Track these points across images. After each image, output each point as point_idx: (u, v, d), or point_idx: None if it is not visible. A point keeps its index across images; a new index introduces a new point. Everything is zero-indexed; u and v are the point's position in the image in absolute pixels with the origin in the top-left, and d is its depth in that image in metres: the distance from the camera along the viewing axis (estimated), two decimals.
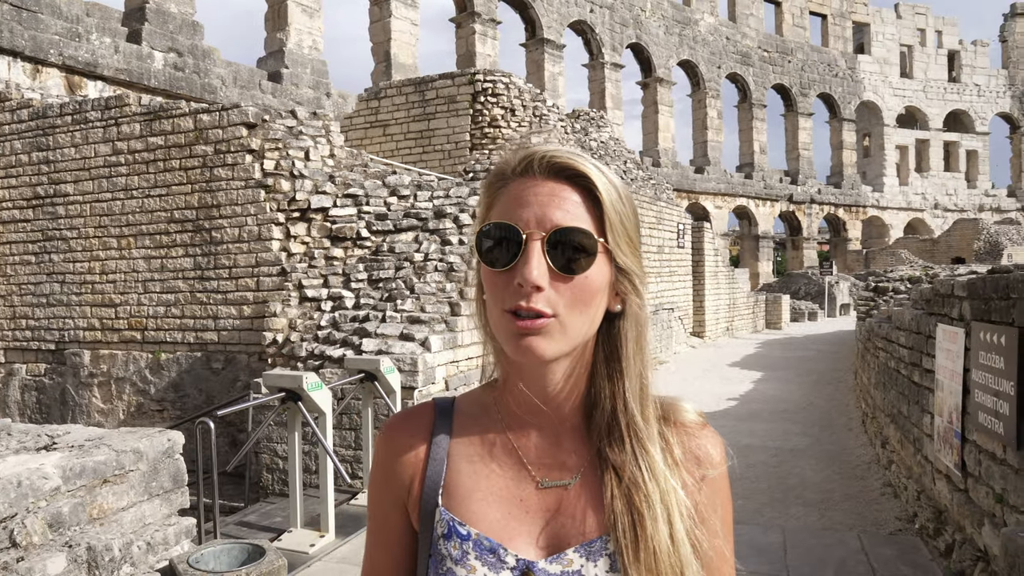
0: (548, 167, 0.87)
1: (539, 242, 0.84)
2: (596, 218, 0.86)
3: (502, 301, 0.85)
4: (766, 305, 24.90)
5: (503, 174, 0.90)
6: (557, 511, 0.91)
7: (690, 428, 0.96)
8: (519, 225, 0.84)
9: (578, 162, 0.87)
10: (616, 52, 32.31)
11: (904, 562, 4.68)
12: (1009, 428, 3.23)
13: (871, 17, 43.89)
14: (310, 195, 8.17)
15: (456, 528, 0.90)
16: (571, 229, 0.84)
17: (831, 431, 8.93)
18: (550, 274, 0.84)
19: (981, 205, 44.75)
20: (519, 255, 0.84)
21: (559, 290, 0.84)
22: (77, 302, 9.14)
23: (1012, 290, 3.24)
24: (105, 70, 15.36)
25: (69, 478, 3.34)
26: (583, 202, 0.86)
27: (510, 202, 0.87)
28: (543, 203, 0.85)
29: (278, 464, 6.71)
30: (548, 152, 0.87)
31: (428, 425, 0.98)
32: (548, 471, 0.93)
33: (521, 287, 0.83)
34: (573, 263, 0.84)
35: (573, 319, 0.85)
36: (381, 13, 23.42)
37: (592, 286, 0.86)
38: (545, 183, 0.86)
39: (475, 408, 0.99)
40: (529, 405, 0.92)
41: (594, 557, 0.88)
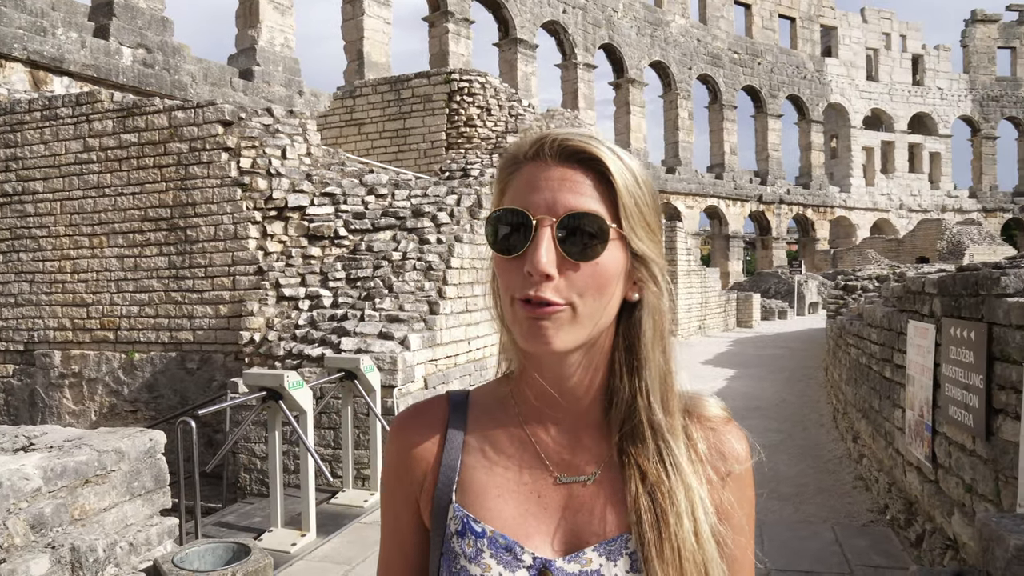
0: (560, 151, 0.83)
1: (549, 228, 0.80)
2: (610, 203, 0.83)
3: (512, 289, 0.83)
4: (737, 304, 25.22)
5: (515, 159, 0.87)
6: (576, 508, 0.88)
7: (714, 423, 0.93)
8: (529, 210, 0.82)
9: (591, 145, 0.84)
10: (589, 52, 32.48)
11: (876, 552, 4.80)
12: (978, 420, 3.34)
13: (838, 21, 44.62)
14: (287, 194, 8.12)
15: (471, 525, 0.87)
16: (582, 214, 0.81)
17: (803, 427, 9.10)
18: (561, 261, 0.80)
19: (944, 206, 45.72)
20: (529, 241, 0.81)
21: (571, 278, 0.81)
22: (47, 302, 8.99)
23: (981, 287, 3.35)
24: (72, 65, 15.08)
25: (50, 479, 3.31)
26: (596, 186, 0.83)
27: (521, 187, 0.84)
28: (554, 187, 0.82)
29: (256, 464, 6.67)
30: (560, 135, 0.84)
31: (442, 419, 0.95)
32: (566, 466, 0.89)
33: (531, 275, 0.80)
34: (585, 250, 0.81)
35: (586, 307, 0.82)
36: (354, 11, 23.29)
37: (606, 273, 0.82)
38: (557, 167, 0.83)
39: (490, 401, 0.96)
40: (546, 397, 0.89)
41: (614, 556, 0.85)
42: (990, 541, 2.08)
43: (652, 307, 0.87)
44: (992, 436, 3.27)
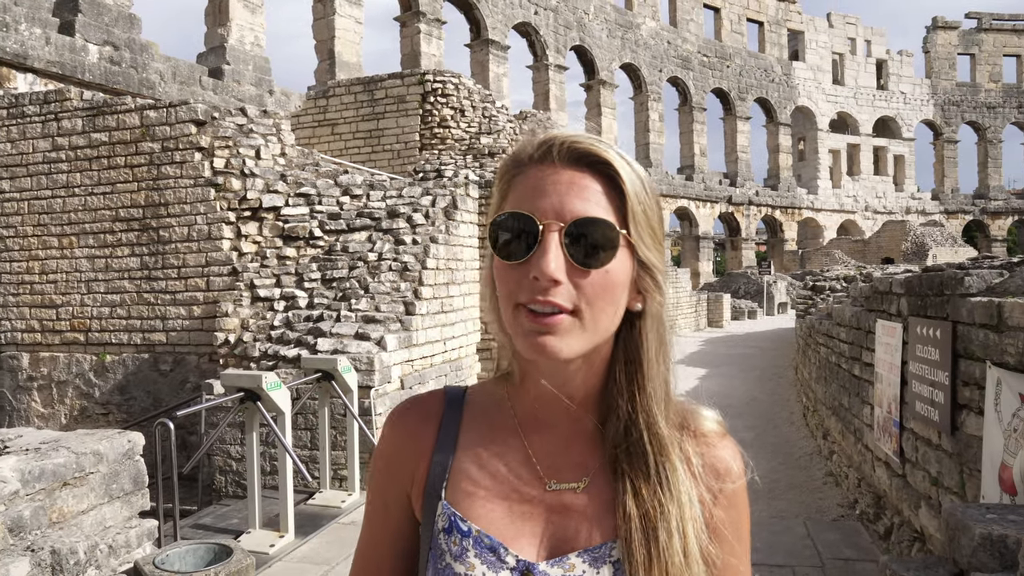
0: (568, 153, 0.81)
1: (557, 233, 0.78)
2: (618, 209, 0.81)
3: (516, 295, 0.80)
4: (708, 304, 25.51)
5: (519, 160, 0.84)
6: (564, 514, 0.87)
7: (709, 438, 0.91)
8: (536, 215, 0.79)
9: (601, 148, 0.82)
10: (560, 54, 32.63)
11: (847, 545, 4.93)
12: (944, 415, 3.45)
13: (805, 25, 45.33)
14: (261, 194, 8.08)
15: (457, 523, 0.87)
16: (592, 220, 0.79)
17: (774, 424, 9.26)
18: (568, 268, 0.78)
19: (908, 208, 46.68)
20: (535, 247, 0.78)
21: (578, 285, 0.79)
22: (14, 303, 8.83)
23: (946, 287, 3.47)
24: (36, 62, 14.80)
25: (28, 481, 3.28)
26: (605, 191, 0.81)
27: (527, 191, 0.81)
28: (562, 192, 0.79)
29: (231, 466, 6.63)
30: (569, 138, 0.82)
31: (437, 414, 0.95)
32: (557, 472, 0.88)
33: (537, 280, 0.77)
34: (593, 256, 0.78)
35: (593, 315, 0.80)
36: (325, 11, 23.16)
37: (614, 281, 0.80)
38: (565, 170, 0.81)
39: (487, 401, 0.95)
40: (545, 402, 0.87)
41: (598, 564, 0.84)
42: (956, 530, 2.17)
43: (656, 317, 0.86)
44: (957, 431, 3.39)
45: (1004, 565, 2.05)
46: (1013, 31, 48.69)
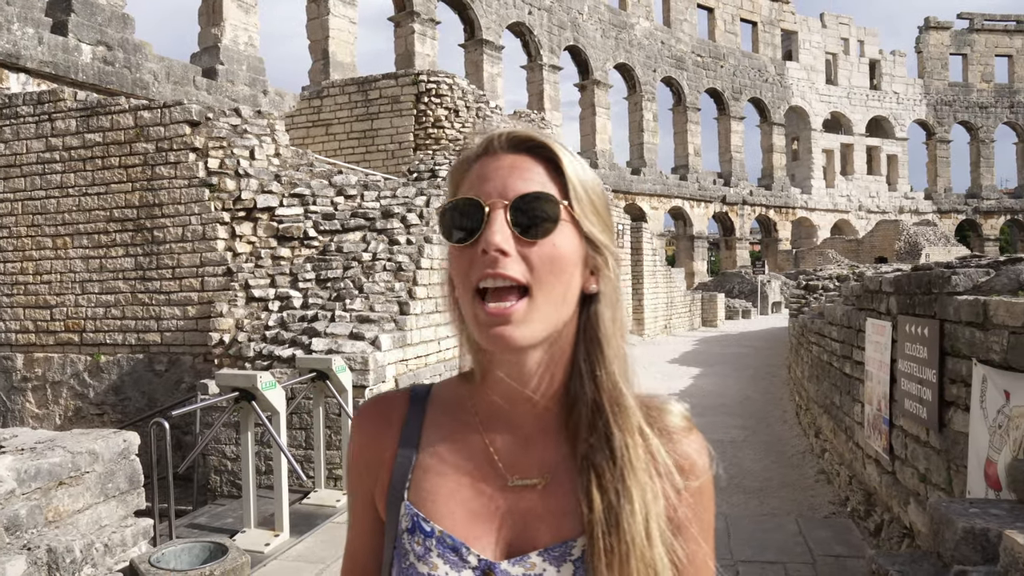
0: (508, 141, 0.86)
1: (502, 210, 0.82)
2: (560, 187, 0.85)
3: (470, 277, 0.82)
4: (702, 303, 25.59)
5: (467, 159, 0.89)
6: (525, 511, 0.87)
7: (675, 434, 0.91)
8: (481, 197, 0.83)
9: (538, 134, 0.86)
10: (554, 54, 32.67)
11: (838, 542, 4.97)
12: (932, 412, 3.50)
13: (798, 25, 45.46)
14: (256, 194, 8.10)
15: (420, 524, 0.88)
16: (533, 194, 0.82)
17: (767, 423, 9.31)
18: (516, 240, 0.81)
19: (901, 207, 46.86)
20: (483, 226, 0.82)
21: (526, 257, 0.81)
22: (8, 304, 8.82)
23: (933, 286, 3.52)
24: (28, 62, 14.76)
25: (24, 480, 3.30)
26: (546, 171, 0.85)
27: (473, 180, 0.86)
28: (504, 175, 0.84)
29: (226, 465, 6.65)
30: (507, 128, 0.87)
31: (401, 413, 0.96)
32: (519, 470, 0.89)
33: (486, 254, 0.80)
34: (538, 227, 0.82)
35: (546, 293, 0.82)
36: (319, 10, 23.15)
37: (562, 254, 0.83)
38: (506, 156, 0.85)
39: (450, 398, 0.96)
40: (507, 400, 0.89)
41: (558, 562, 0.85)
42: (940, 525, 2.22)
43: (611, 298, 0.88)
44: (944, 428, 3.44)
45: (986, 558, 2.09)
46: (1005, 31, 48.93)
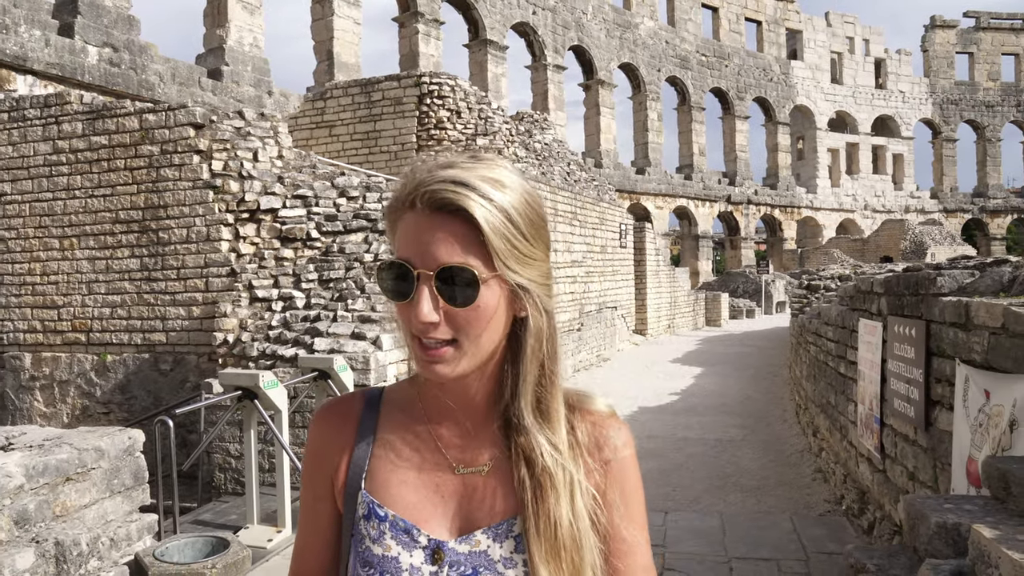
0: (431, 202, 0.89)
1: (428, 282, 0.88)
2: (482, 246, 0.89)
3: (408, 327, 0.92)
4: (706, 303, 25.62)
5: (397, 204, 0.93)
6: (470, 496, 0.98)
7: (595, 417, 1.02)
8: (411, 262, 0.89)
9: (457, 196, 0.88)
10: (558, 54, 32.73)
11: (832, 540, 5.04)
12: (919, 412, 3.57)
13: (803, 24, 45.41)
14: (259, 196, 8.19)
15: (375, 510, 0.98)
16: (454, 267, 0.88)
17: (767, 422, 9.37)
18: (444, 307, 0.89)
19: (907, 206, 46.78)
20: (413, 292, 0.89)
21: (452, 320, 0.89)
22: (16, 304, 8.94)
23: (920, 286, 3.58)
24: (35, 64, 14.90)
25: (32, 476, 3.39)
26: (467, 233, 0.88)
27: (403, 237, 0.91)
28: (426, 241, 0.89)
29: (231, 463, 6.75)
30: (429, 187, 0.89)
31: (356, 413, 1.05)
32: (463, 459, 1.00)
33: (416, 322, 0.89)
34: (461, 297, 0.88)
35: (470, 342, 0.91)
36: (323, 11, 23.26)
37: (484, 312, 0.90)
38: (430, 217, 0.89)
39: (401, 399, 1.06)
40: (445, 402, 0.99)
41: (500, 538, 0.95)
42: (915, 520, 2.29)
43: (532, 326, 0.95)
44: (931, 426, 3.51)
45: (957, 552, 2.16)
46: (1011, 30, 48.79)
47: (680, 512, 5.89)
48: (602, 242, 16.65)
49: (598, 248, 16.29)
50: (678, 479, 6.91)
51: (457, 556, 0.95)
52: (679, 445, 8.21)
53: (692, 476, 7.00)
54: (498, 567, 0.95)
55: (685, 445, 8.20)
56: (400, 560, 0.95)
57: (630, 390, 11.93)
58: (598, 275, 16.14)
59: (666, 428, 9.09)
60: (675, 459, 7.62)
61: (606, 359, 15.71)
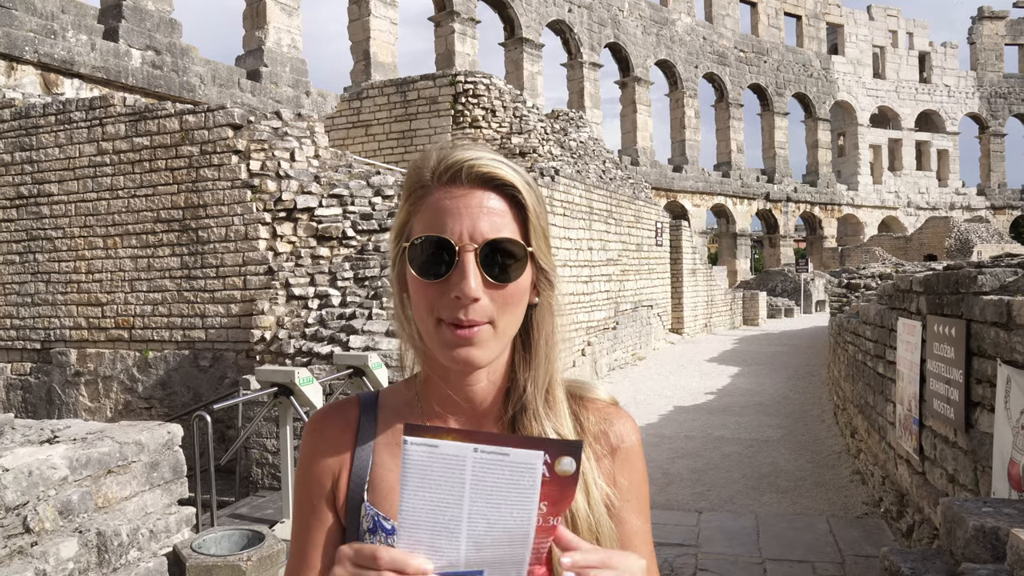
0: (475, 176, 0.87)
1: (472, 254, 0.85)
2: (520, 223, 0.89)
3: (436, 311, 0.87)
4: (743, 302, 25.31)
5: (423, 181, 0.90)
6: None
7: (600, 406, 1.01)
8: (452, 238, 0.85)
9: (503, 171, 0.88)
10: (594, 52, 32.59)
11: (869, 543, 4.95)
12: (959, 413, 3.49)
13: (844, 18, 44.58)
14: (296, 195, 8.31)
15: (380, 523, 0.93)
16: (503, 240, 0.86)
17: (804, 423, 9.23)
18: (484, 284, 0.86)
19: (952, 203, 45.64)
20: (453, 268, 0.85)
21: (493, 298, 0.87)
22: (63, 301, 9.20)
23: (961, 285, 3.50)
24: (82, 68, 15.30)
25: (76, 468, 3.49)
26: (509, 210, 0.88)
27: (437, 212, 0.88)
28: (473, 215, 0.86)
29: (267, 459, 6.86)
30: (473, 160, 0.88)
31: (353, 421, 1.00)
32: None
33: (458, 299, 0.85)
34: (506, 272, 0.87)
35: (504, 321, 0.88)
36: (360, 12, 23.48)
37: (520, 289, 0.89)
38: (472, 192, 0.87)
39: (398, 402, 1.01)
40: (450, 402, 0.95)
41: None
42: (952, 523, 2.24)
43: (547, 307, 0.95)
44: (971, 428, 3.42)
45: (996, 556, 2.11)
46: None
47: (714, 512, 5.84)
48: (638, 240, 16.55)
49: (634, 246, 16.19)
50: (712, 479, 6.85)
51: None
52: (714, 444, 8.13)
53: (727, 476, 6.93)
54: None
55: (720, 445, 8.12)
56: None
57: (665, 389, 11.85)
58: (634, 273, 16.05)
59: (701, 427, 9.01)
60: (710, 458, 7.55)
61: (641, 358, 15.61)
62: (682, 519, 5.63)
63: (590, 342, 12.76)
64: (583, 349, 12.46)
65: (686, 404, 10.54)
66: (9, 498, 3.03)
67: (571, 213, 12.07)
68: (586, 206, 12.86)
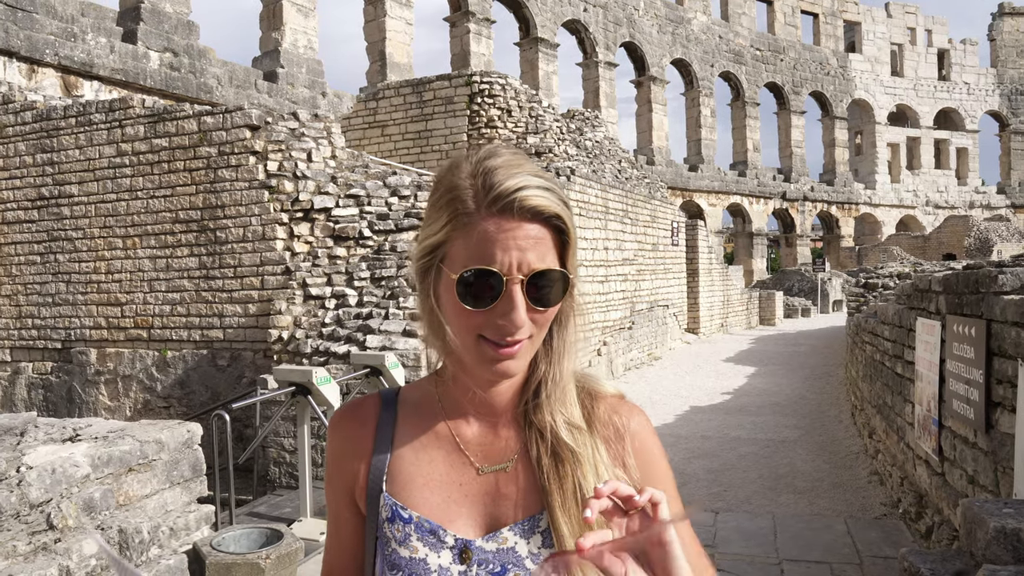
0: (526, 210, 0.90)
1: (519, 285, 0.89)
2: (560, 249, 0.94)
3: (480, 330, 0.91)
4: (760, 302, 25.16)
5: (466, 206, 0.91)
6: (494, 494, 0.98)
7: (610, 400, 1.05)
8: (501, 270, 0.89)
9: (553, 205, 0.91)
10: (610, 51, 32.52)
11: (887, 544, 4.92)
12: (978, 413, 3.46)
13: (862, 16, 44.20)
14: (313, 196, 8.36)
15: (399, 512, 0.97)
16: (548, 272, 0.91)
17: (822, 423, 9.17)
18: (527, 309, 0.91)
19: (971, 202, 45.13)
20: (500, 297, 0.89)
21: (534, 320, 0.92)
22: (83, 301, 9.32)
23: (981, 285, 3.47)
24: (101, 70, 15.46)
25: (98, 466, 3.54)
26: (551, 237, 0.92)
27: (486, 243, 0.90)
28: (522, 247, 0.89)
29: (285, 457, 6.91)
30: (524, 192, 0.89)
31: (374, 416, 1.05)
32: (486, 457, 1.00)
33: (504, 325, 0.90)
34: (547, 300, 0.92)
35: (540, 336, 0.95)
36: (376, 12, 23.56)
37: (556, 309, 0.95)
38: (522, 225, 0.90)
39: (419, 398, 1.06)
40: (470, 401, 1.00)
41: (527, 534, 0.95)
42: (973, 524, 2.22)
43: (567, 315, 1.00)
44: (991, 429, 3.39)
45: (1017, 558, 2.10)
46: None
47: (731, 513, 5.82)
48: (653, 240, 16.50)
49: (649, 246, 16.15)
50: (729, 479, 6.82)
51: (485, 554, 0.95)
52: (731, 445, 8.10)
53: (744, 476, 6.90)
54: (526, 563, 0.95)
55: (737, 445, 8.09)
56: (428, 561, 0.95)
57: (681, 389, 11.81)
58: (649, 273, 16.00)
59: (718, 427, 8.98)
60: (727, 459, 7.52)
61: (657, 358, 15.57)
62: (698, 519, 5.61)
63: (606, 342, 12.75)
64: (599, 349, 12.45)
65: (702, 404, 10.50)
66: (33, 495, 3.07)
67: (587, 213, 12.07)
68: (602, 206, 12.85)
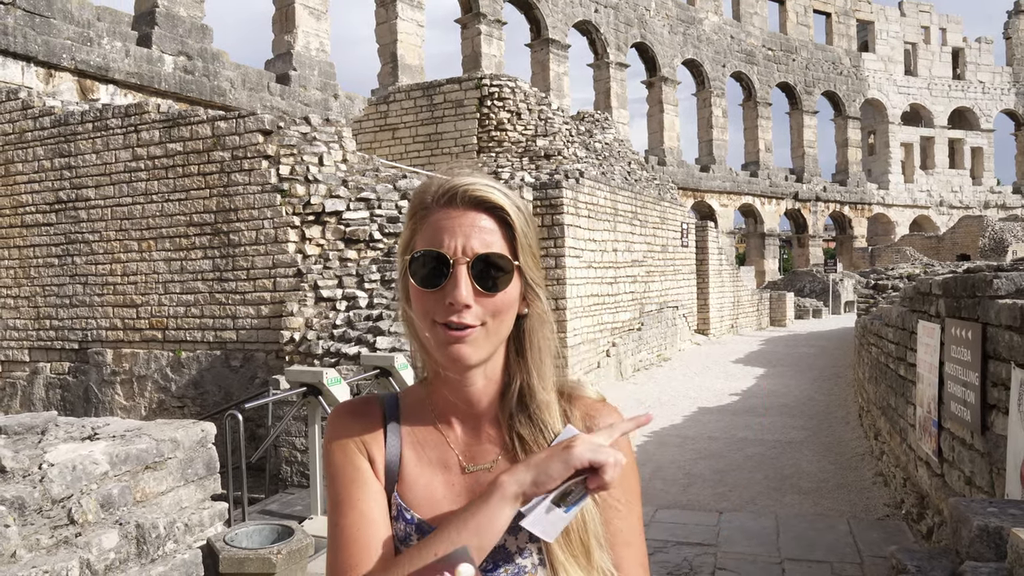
0: (469, 199, 1.00)
1: (464, 266, 0.98)
2: (508, 241, 1.02)
3: (433, 315, 0.99)
4: (771, 303, 25.13)
5: (425, 203, 1.03)
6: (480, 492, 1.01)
7: (588, 403, 1.11)
8: (447, 252, 0.98)
9: (494, 195, 1.01)
10: (621, 52, 32.55)
11: (889, 544, 4.95)
12: (975, 415, 3.52)
13: (875, 15, 43.99)
14: (324, 199, 8.48)
15: (403, 512, 1.04)
16: (491, 255, 0.99)
17: (828, 424, 9.21)
18: (475, 293, 0.98)
19: (986, 202, 44.82)
20: (447, 278, 0.98)
21: (483, 304, 0.99)
22: (99, 303, 9.48)
23: (977, 288, 3.53)
24: (116, 74, 15.67)
25: (116, 464, 3.65)
26: (498, 229, 1.01)
27: (436, 230, 1.00)
28: (466, 233, 0.99)
29: (296, 457, 7.03)
30: (468, 185, 1.01)
31: (380, 415, 1.11)
32: (472, 457, 1.07)
33: (452, 305, 0.97)
34: (494, 283, 0.99)
35: (494, 325, 1.01)
36: (387, 15, 23.71)
37: (508, 298, 1.02)
38: (466, 213, 1.00)
39: (414, 402, 1.12)
40: (451, 403, 1.07)
41: (514, 531, 0.99)
42: (958, 523, 2.30)
43: (537, 317, 1.08)
44: (987, 430, 3.45)
45: (999, 555, 2.17)
46: None
47: (734, 513, 5.88)
48: (663, 241, 16.55)
49: (659, 247, 16.19)
50: (734, 480, 6.88)
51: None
52: (738, 446, 8.15)
53: (749, 477, 6.96)
54: (516, 559, 1.02)
55: (744, 446, 8.14)
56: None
57: (690, 390, 11.86)
58: (659, 274, 16.05)
59: (725, 428, 9.03)
60: (733, 459, 7.58)
61: (667, 359, 15.62)
62: (703, 519, 5.69)
63: (615, 343, 12.81)
64: (608, 350, 12.52)
65: (710, 405, 10.55)
66: (55, 491, 3.19)
67: (596, 215, 12.14)
68: (611, 208, 12.92)
